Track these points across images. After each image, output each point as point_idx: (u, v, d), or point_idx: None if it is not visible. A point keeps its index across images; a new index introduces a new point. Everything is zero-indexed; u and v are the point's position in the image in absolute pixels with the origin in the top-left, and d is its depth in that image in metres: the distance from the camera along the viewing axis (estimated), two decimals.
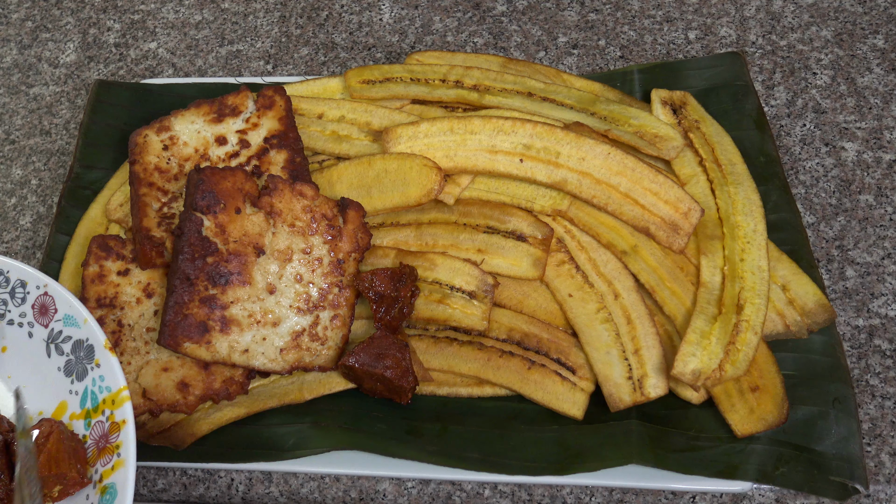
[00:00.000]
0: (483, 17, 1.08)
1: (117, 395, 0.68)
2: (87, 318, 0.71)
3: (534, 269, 0.79)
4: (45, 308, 0.73)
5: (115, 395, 0.68)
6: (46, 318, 0.73)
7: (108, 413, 0.68)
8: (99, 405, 0.69)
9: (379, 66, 0.93)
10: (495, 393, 0.77)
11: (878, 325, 0.81)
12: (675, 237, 0.80)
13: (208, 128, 0.86)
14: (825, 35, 1.01)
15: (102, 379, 0.69)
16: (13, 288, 0.75)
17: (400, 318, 0.76)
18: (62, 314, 0.72)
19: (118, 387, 0.68)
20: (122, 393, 0.68)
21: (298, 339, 0.76)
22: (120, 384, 0.68)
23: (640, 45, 1.03)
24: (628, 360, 0.75)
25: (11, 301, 0.75)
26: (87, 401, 0.70)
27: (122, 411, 0.67)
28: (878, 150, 0.92)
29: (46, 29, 1.13)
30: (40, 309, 0.73)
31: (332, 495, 0.76)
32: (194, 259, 0.74)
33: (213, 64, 1.07)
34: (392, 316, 0.76)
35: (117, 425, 0.67)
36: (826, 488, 0.69)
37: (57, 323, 0.73)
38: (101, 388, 0.69)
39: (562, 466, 0.72)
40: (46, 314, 0.73)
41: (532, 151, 0.82)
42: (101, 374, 0.69)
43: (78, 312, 0.71)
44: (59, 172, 0.99)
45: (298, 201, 0.77)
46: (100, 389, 0.69)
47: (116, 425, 0.67)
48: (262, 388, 0.78)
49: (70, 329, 0.72)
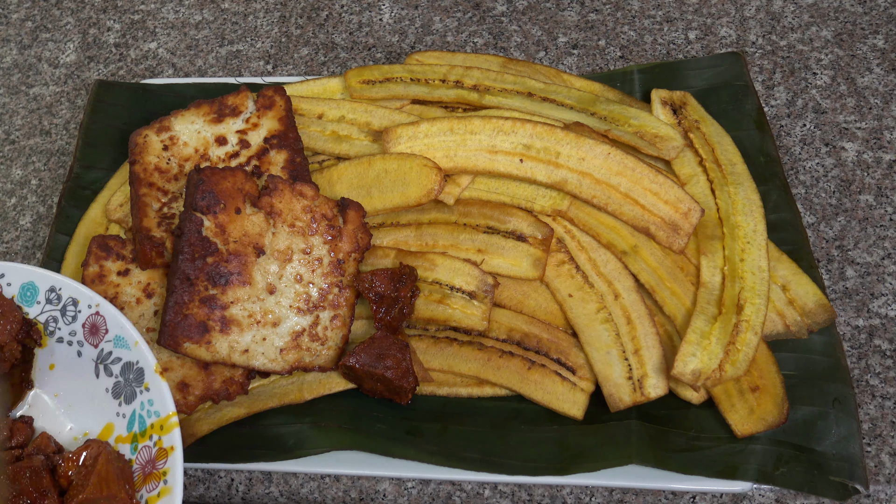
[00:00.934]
0: (483, 17, 1.08)
1: (166, 421, 0.67)
2: (137, 341, 0.70)
3: (534, 270, 0.79)
4: (95, 328, 0.72)
5: (164, 421, 0.67)
6: (97, 339, 0.72)
7: (156, 438, 0.67)
8: (147, 430, 0.68)
9: (379, 66, 0.93)
10: (495, 393, 0.77)
11: (878, 325, 0.81)
12: (675, 237, 0.80)
13: (208, 128, 0.86)
14: (825, 35, 1.01)
15: (151, 403, 0.68)
16: (64, 306, 0.73)
17: (400, 318, 0.76)
18: (113, 335, 0.71)
19: (167, 412, 0.67)
20: (171, 419, 0.67)
21: (298, 339, 0.76)
22: (169, 410, 0.67)
23: (640, 45, 1.03)
24: (628, 360, 0.75)
25: (62, 319, 0.74)
26: (134, 424, 0.69)
27: (170, 437, 0.66)
28: (878, 150, 0.92)
29: (46, 29, 1.13)
30: (91, 328, 0.72)
31: (332, 495, 0.76)
32: (194, 259, 0.74)
33: (213, 64, 1.07)
34: (392, 316, 0.76)
35: (165, 451, 0.66)
36: (826, 488, 0.69)
37: (107, 343, 0.71)
38: (150, 412, 0.68)
39: (562, 466, 0.72)
40: (97, 334, 0.72)
41: (532, 151, 0.82)
42: (150, 399, 0.68)
43: (129, 334, 0.70)
44: (59, 172, 0.99)
45: (298, 201, 0.77)
46: (148, 414, 0.68)
47: (164, 451, 0.66)
48: (262, 388, 0.78)
49: (120, 351, 0.71)
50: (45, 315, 0.74)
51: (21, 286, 0.75)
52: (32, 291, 0.75)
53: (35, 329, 0.74)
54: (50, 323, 0.74)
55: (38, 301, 0.74)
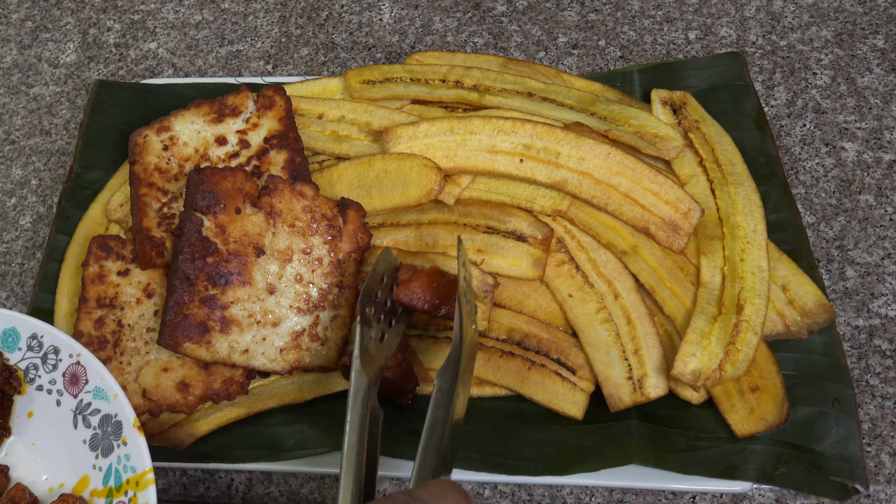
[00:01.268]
0: (483, 17, 1.08)
1: (142, 478, 0.66)
2: (117, 394, 0.68)
3: (534, 270, 0.79)
4: (76, 377, 0.71)
5: (140, 477, 0.66)
6: (76, 388, 0.71)
7: (132, 495, 0.66)
8: (122, 485, 0.67)
9: (379, 66, 0.93)
10: (495, 393, 0.77)
11: (878, 325, 0.81)
12: (675, 237, 0.80)
13: (208, 128, 0.86)
14: (825, 35, 1.01)
15: (128, 458, 0.67)
16: (45, 353, 0.72)
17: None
18: (93, 385, 0.70)
19: (143, 468, 0.66)
20: (146, 475, 0.65)
21: (298, 339, 0.76)
22: (146, 466, 0.66)
23: (640, 45, 1.03)
24: (628, 360, 0.75)
25: (43, 366, 0.72)
26: (110, 478, 0.68)
27: (145, 494, 0.65)
28: (878, 150, 0.92)
29: (46, 29, 1.13)
30: (71, 378, 0.71)
31: (332, 495, 0.76)
32: (194, 259, 0.74)
33: (213, 64, 1.07)
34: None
35: None
36: (826, 488, 0.69)
37: (87, 394, 0.70)
38: (126, 467, 0.67)
39: (562, 466, 0.72)
40: (77, 384, 0.71)
41: (532, 151, 0.82)
42: (127, 453, 0.67)
43: (109, 386, 0.69)
44: (59, 172, 0.99)
45: (298, 201, 0.77)
46: (124, 468, 0.67)
47: None
48: (262, 388, 0.78)
49: (99, 402, 0.69)
50: (25, 362, 0.73)
51: (3, 332, 0.73)
52: (14, 337, 0.73)
53: (15, 376, 0.73)
54: (30, 370, 0.73)
55: (20, 347, 0.73)
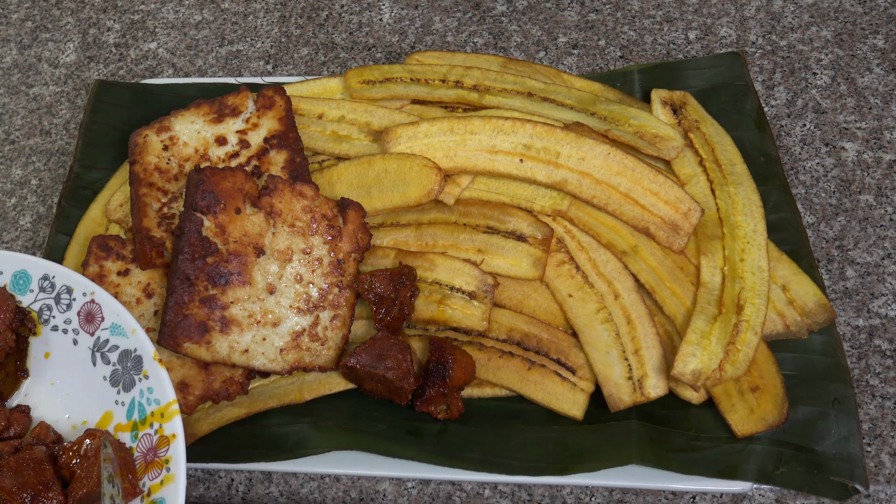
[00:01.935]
0: (483, 17, 1.08)
1: (167, 409, 0.66)
2: (135, 329, 0.69)
3: (534, 270, 0.79)
4: (91, 316, 0.72)
5: (165, 409, 0.66)
6: (92, 326, 0.71)
7: (157, 426, 0.66)
8: (147, 418, 0.67)
9: (379, 66, 0.93)
10: (495, 393, 0.77)
11: (878, 325, 0.81)
12: (675, 237, 0.80)
13: (208, 128, 0.86)
14: (825, 35, 1.01)
15: (151, 391, 0.68)
16: (58, 293, 0.73)
17: (400, 318, 0.76)
18: (109, 322, 0.71)
19: (168, 400, 0.67)
20: (171, 406, 0.66)
21: (298, 339, 0.76)
22: (170, 397, 0.66)
23: (640, 45, 1.03)
24: (628, 360, 0.75)
25: (56, 307, 0.73)
26: (133, 412, 0.68)
27: (171, 425, 0.66)
28: (878, 150, 0.92)
29: (46, 29, 1.13)
30: (86, 316, 0.72)
31: (332, 495, 0.76)
32: (194, 259, 0.74)
33: (213, 64, 1.07)
34: (392, 317, 0.76)
35: (166, 439, 0.66)
36: (826, 488, 0.69)
37: (104, 331, 0.71)
38: (150, 400, 0.67)
39: (562, 466, 0.72)
40: (93, 322, 0.71)
41: (532, 151, 0.82)
42: (149, 387, 0.68)
43: (126, 322, 0.70)
44: (59, 172, 0.99)
45: (298, 201, 0.77)
46: (148, 402, 0.68)
47: (166, 439, 0.66)
48: (262, 389, 0.78)
49: (117, 338, 0.70)
50: (38, 303, 0.74)
51: (13, 274, 0.74)
52: (25, 279, 0.74)
53: (29, 317, 0.73)
54: (44, 311, 0.73)
55: (32, 289, 0.74)
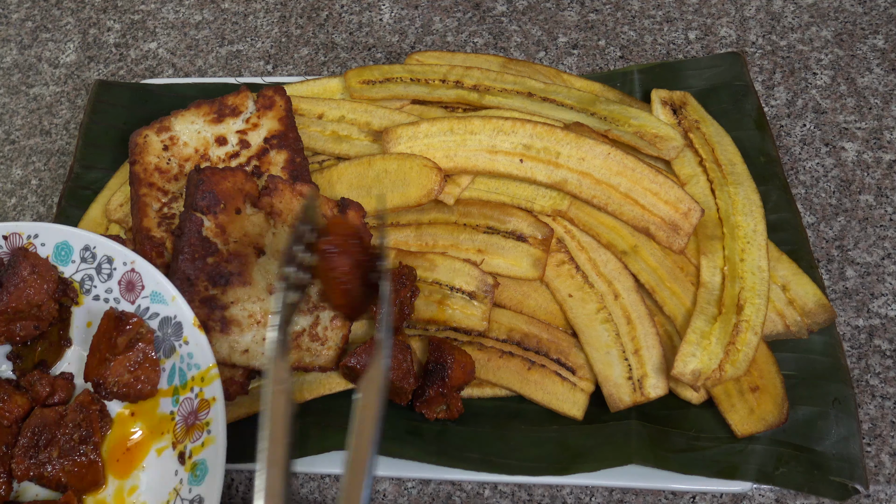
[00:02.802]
0: (483, 17, 1.08)
1: (207, 373, 0.68)
2: (174, 296, 0.70)
3: (534, 270, 0.79)
4: (131, 284, 0.73)
5: (205, 373, 0.68)
6: (133, 295, 0.73)
7: (198, 390, 0.68)
8: (188, 382, 0.69)
9: (379, 66, 0.93)
10: (495, 393, 0.77)
11: (878, 325, 0.81)
12: (675, 237, 0.80)
13: (208, 128, 0.86)
14: (825, 35, 1.01)
15: (191, 356, 0.69)
16: (99, 264, 0.74)
17: (400, 318, 0.76)
18: (149, 291, 0.72)
19: (208, 364, 0.68)
20: (211, 370, 0.68)
21: (298, 339, 0.76)
22: (209, 362, 0.68)
23: (640, 45, 1.03)
24: (628, 360, 0.75)
25: (98, 276, 0.74)
26: (174, 377, 0.70)
27: (211, 389, 0.67)
28: (878, 150, 0.92)
29: (46, 29, 1.13)
30: (127, 285, 0.73)
31: (332, 495, 0.76)
32: (194, 259, 0.74)
33: (213, 64, 1.07)
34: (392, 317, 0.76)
35: (207, 402, 0.67)
36: (826, 488, 0.69)
37: (144, 300, 0.72)
38: (190, 365, 0.69)
39: (562, 466, 0.72)
40: (133, 291, 0.73)
41: (532, 151, 0.82)
42: (189, 352, 0.69)
43: (166, 290, 0.71)
44: (59, 172, 0.99)
45: (298, 201, 0.77)
46: (188, 367, 0.69)
47: (206, 402, 0.67)
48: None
49: (157, 306, 0.71)
50: (80, 273, 0.75)
51: (55, 246, 0.75)
52: (67, 251, 0.75)
53: (71, 288, 0.75)
54: (86, 281, 0.75)
55: (73, 260, 0.75)
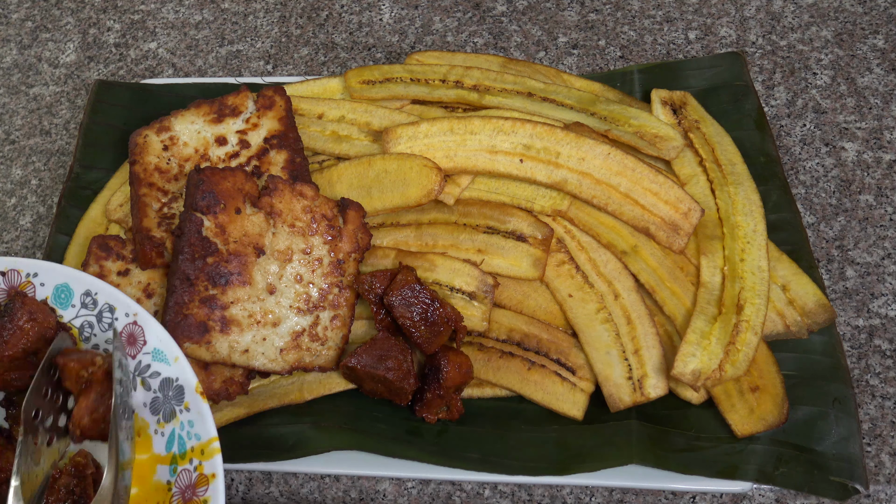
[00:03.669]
0: (483, 17, 1.08)
1: (207, 446, 0.63)
2: (178, 357, 0.66)
3: (534, 270, 0.79)
4: (133, 338, 0.68)
5: (205, 446, 0.63)
6: (134, 349, 0.68)
7: (197, 463, 0.63)
8: (186, 453, 0.64)
9: (379, 66, 0.93)
10: (495, 393, 0.77)
11: (878, 325, 0.81)
12: (675, 237, 0.80)
13: (208, 128, 0.86)
14: (825, 35, 1.01)
15: (192, 425, 0.64)
16: (100, 311, 0.69)
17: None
18: (151, 347, 0.67)
19: (209, 436, 0.63)
20: (212, 444, 0.63)
21: (298, 339, 0.76)
22: (211, 434, 0.63)
23: (640, 45, 1.03)
24: (628, 360, 0.75)
25: (98, 325, 0.69)
26: (173, 445, 0.65)
27: (211, 464, 0.63)
28: (878, 150, 0.92)
29: (46, 29, 1.13)
30: (128, 338, 0.68)
31: (332, 495, 0.76)
32: (194, 259, 0.74)
33: (213, 64, 1.07)
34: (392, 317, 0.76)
35: (206, 478, 0.63)
36: (826, 488, 0.69)
37: (145, 356, 0.67)
38: (190, 434, 0.64)
39: (562, 466, 0.72)
40: (134, 345, 0.68)
41: (532, 151, 0.82)
42: (190, 420, 0.64)
43: (169, 348, 0.66)
44: (59, 172, 0.99)
45: (298, 201, 0.77)
46: (188, 435, 0.64)
47: (205, 478, 0.63)
48: (262, 389, 0.78)
49: (159, 364, 0.67)
50: (80, 319, 0.70)
51: (55, 287, 0.71)
52: (67, 294, 0.71)
53: (70, 334, 0.70)
54: (85, 328, 0.70)
55: (73, 304, 0.70)
